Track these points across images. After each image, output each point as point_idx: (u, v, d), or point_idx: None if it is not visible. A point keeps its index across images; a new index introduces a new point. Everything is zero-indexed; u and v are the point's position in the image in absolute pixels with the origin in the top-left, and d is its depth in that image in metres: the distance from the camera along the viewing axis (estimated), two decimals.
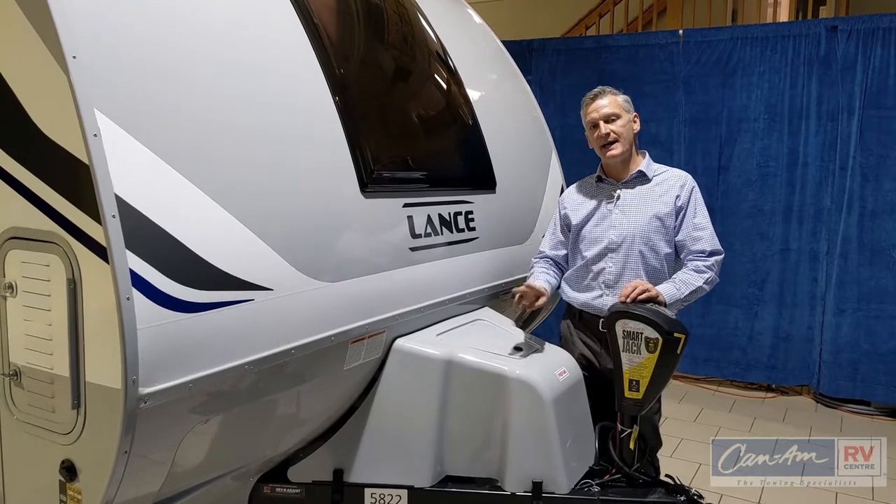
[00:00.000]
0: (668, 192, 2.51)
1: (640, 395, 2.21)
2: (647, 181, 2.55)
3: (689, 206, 2.51)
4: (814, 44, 4.76)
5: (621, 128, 2.53)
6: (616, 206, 2.54)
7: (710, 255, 2.48)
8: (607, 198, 2.58)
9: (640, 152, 2.63)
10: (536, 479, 2.08)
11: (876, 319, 4.66)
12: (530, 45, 5.65)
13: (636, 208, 2.52)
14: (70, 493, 1.58)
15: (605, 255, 2.51)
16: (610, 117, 2.53)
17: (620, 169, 2.58)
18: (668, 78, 5.15)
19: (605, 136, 2.53)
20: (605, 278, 2.51)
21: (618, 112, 2.54)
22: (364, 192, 2.07)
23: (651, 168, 2.58)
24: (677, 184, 2.53)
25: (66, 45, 1.42)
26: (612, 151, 2.53)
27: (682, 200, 2.50)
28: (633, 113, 2.59)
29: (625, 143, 2.53)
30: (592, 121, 2.58)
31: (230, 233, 1.65)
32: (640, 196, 2.54)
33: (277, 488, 2.18)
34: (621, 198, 2.55)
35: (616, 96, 2.58)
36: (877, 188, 4.61)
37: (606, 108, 2.54)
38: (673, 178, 2.55)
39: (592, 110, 2.59)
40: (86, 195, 1.44)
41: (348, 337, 1.96)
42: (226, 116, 1.74)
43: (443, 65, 2.75)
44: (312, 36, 2.08)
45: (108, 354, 1.43)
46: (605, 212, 2.56)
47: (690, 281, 2.43)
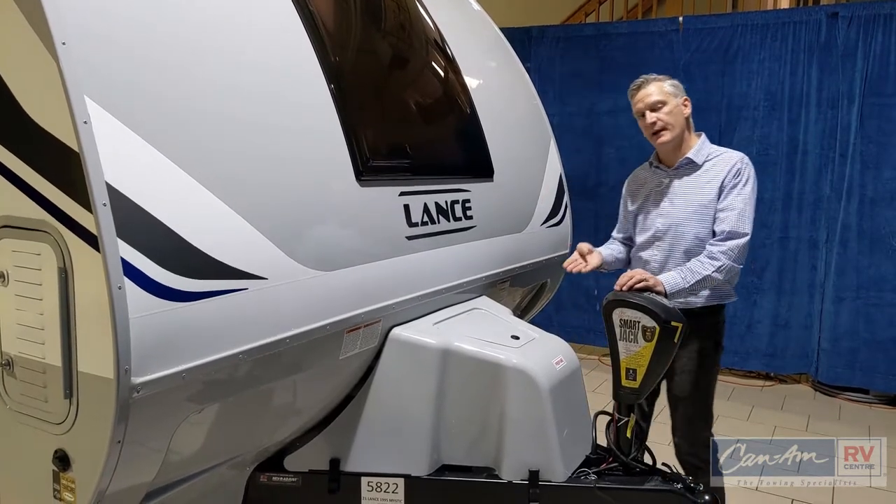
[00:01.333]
0: (715, 178, 2.49)
1: (637, 383, 2.21)
2: (697, 167, 2.53)
3: (728, 186, 2.46)
4: (814, 31, 4.73)
5: (668, 115, 2.51)
6: (664, 194, 2.55)
7: (729, 237, 2.42)
8: (657, 185, 2.60)
9: (697, 133, 2.60)
10: (533, 468, 2.08)
11: (875, 307, 4.66)
12: (529, 33, 5.62)
13: (683, 197, 2.52)
14: (64, 482, 1.57)
15: (653, 243, 2.53)
16: (656, 105, 2.51)
17: (672, 154, 2.58)
18: (667, 65, 5.12)
19: (652, 125, 2.51)
20: (652, 267, 2.54)
21: (663, 99, 2.52)
22: (360, 180, 2.05)
23: (702, 153, 2.55)
24: (725, 168, 2.49)
25: (56, 32, 1.40)
26: (661, 139, 2.52)
27: (727, 181, 2.47)
28: (683, 97, 2.57)
29: (674, 129, 2.51)
30: (639, 111, 2.57)
31: (223, 221, 1.63)
32: (688, 184, 2.53)
33: (274, 477, 2.18)
34: (670, 185, 2.56)
35: (661, 82, 2.55)
36: (877, 176, 4.60)
37: (651, 97, 2.52)
38: (722, 163, 2.52)
39: (638, 100, 2.57)
40: (76, 183, 1.42)
41: (344, 326, 1.95)
42: (219, 104, 1.72)
43: (440, 52, 2.73)
44: (307, 23, 2.06)
45: (100, 344, 1.42)
46: (654, 199, 2.59)
47: (697, 269, 2.40)
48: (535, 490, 2.07)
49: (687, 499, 2.06)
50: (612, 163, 5.44)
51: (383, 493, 2.13)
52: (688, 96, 2.59)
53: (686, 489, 2.08)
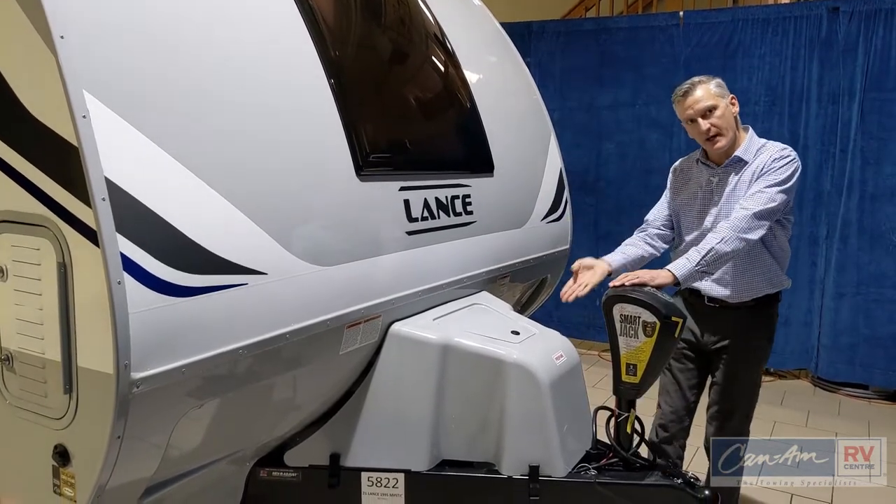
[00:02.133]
0: (758, 169, 2.46)
1: (638, 379, 2.21)
2: (745, 164, 2.51)
3: (766, 170, 2.42)
4: (815, 25, 4.72)
5: (720, 118, 2.46)
6: (714, 193, 2.54)
7: (742, 208, 2.37)
8: (707, 182, 2.58)
9: (744, 127, 2.56)
10: (533, 463, 2.08)
11: (875, 303, 4.65)
12: (529, 27, 5.61)
13: (730, 195, 2.51)
14: (63, 477, 1.57)
15: (704, 237, 2.50)
16: (707, 112, 2.46)
17: (722, 153, 2.54)
18: (668, 60, 5.11)
19: (707, 132, 2.46)
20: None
21: (713, 102, 2.46)
22: (359, 175, 2.05)
23: (751, 149, 2.51)
24: (768, 160, 2.45)
25: (54, 25, 1.39)
26: (718, 145, 2.48)
27: (765, 168, 2.43)
28: (730, 95, 2.52)
29: (728, 131, 2.47)
30: (688, 118, 2.51)
31: (223, 217, 1.63)
32: (736, 183, 2.51)
33: (274, 472, 2.18)
34: (718, 184, 2.54)
35: (707, 84, 2.49)
36: (877, 172, 4.59)
37: (701, 103, 2.46)
38: (765, 155, 2.47)
39: (687, 107, 2.50)
40: (76, 178, 1.42)
41: (344, 321, 1.95)
42: (218, 99, 1.71)
43: (440, 47, 2.72)
44: (307, 17, 2.05)
45: (99, 339, 1.41)
46: (702, 197, 2.57)
47: (702, 247, 2.35)
48: (535, 485, 2.07)
49: (687, 493, 2.06)
50: (613, 158, 5.43)
51: (383, 489, 2.13)
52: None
53: (686, 484, 2.08)
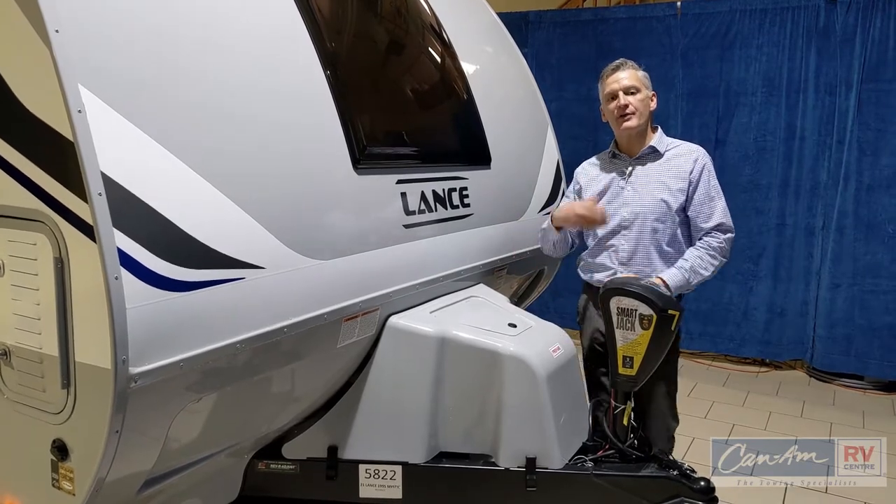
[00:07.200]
0: (680, 167, 2.49)
1: (634, 371, 2.22)
2: (660, 156, 2.53)
3: (700, 179, 2.47)
4: (813, 16, 4.70)
5: (639, 102, 2.51)
6: (628, 183, 2.53)
7: (727, 230, 2.46)
8: (619, 174, 2.57)
9: (653, 127, 2.60)
10: (530, 455, 2.09)
11: (871, 294, 4.67)
12: (526, 18, 5.58)
13: (648, 185, 2.51)
14: (62, 471, 1.58)
15: (619, 232, 2.51)
16: (630, 90, 2.51)
17: (634, 143, 2.57)
18: (665, 51, 5.10)
19: (624, 108, 2.50)
20: (620, 256, 2.51)
21: (637, 86, 2.52)
22: (356, 168, 2.04)
23: (663, 142, 2.55)
24: (690, 158, 2.50)
25: (49, 19, 1.39)
26: (627, 123, 2.50)
27: (694, 174, 2.47)
28: (652, 91, 2.57)
29: (641, 117, 2.51)
30: (612, 91, 2.54)
31: (220, 210, 1.63)
32: (652, 172, 2.52)
33: (272, 465, 2.19)
34: (633, 174, 2.54)
35: (637, 71, 2.55)
36: (874, 162, 4.59)
37: (626, 81, 2.52)
38: (685, 153, 2.53)
39: (612, 81, 2.55)
40: (72, 173, 1.42)
41: (341, 315, 1.95)
42: (214, 92, 1.70)
43: (436, 38, 2.71)
44: (303, 8, 2.04)
45: (97, 334, 1.41)
46: (617, 189, 2.56)
47: (699, 270, 2.41)
48: (532, 477, 2.09)
49: (683, 485, 2.08)
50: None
51: (381, 480, 2.14)
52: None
53: (682, 475, 2.09)
